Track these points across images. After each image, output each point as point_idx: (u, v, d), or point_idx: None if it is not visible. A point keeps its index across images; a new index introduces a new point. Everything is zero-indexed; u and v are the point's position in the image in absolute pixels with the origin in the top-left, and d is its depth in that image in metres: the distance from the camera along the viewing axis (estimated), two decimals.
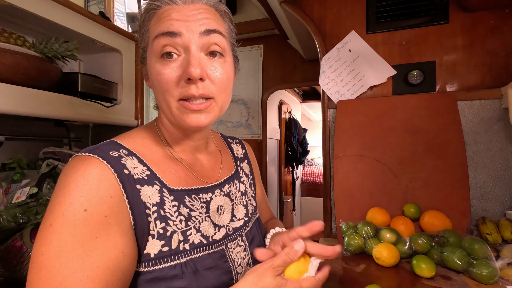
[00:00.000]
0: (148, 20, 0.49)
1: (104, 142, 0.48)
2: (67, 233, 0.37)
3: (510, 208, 0.97)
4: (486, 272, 0.69)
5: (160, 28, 0.46)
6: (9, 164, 1.14)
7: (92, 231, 0.38)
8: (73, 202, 0.38)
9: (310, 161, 5.37)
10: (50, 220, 0.38)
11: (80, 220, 0.38)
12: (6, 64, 0.87)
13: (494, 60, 1.03)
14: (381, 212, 0.97)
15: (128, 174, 0.44)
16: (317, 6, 1.24)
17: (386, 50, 1.15)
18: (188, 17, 0.46)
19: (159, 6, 0.47)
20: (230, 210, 0.58)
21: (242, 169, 0.68)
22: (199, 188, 0.53)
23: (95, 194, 0.39)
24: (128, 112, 1.40)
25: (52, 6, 1.02)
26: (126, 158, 0.46)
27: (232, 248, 0.54)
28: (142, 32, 0.50)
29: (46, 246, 0.37)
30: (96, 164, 0.41)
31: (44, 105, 0.98)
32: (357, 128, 1.11)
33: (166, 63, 0.46)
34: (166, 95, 0.47)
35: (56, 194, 0.40)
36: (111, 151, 0.45)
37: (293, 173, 3.51)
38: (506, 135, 0.98)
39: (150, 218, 0.45)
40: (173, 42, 0.45)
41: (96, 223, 0.39)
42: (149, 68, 0.49)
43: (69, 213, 0.38)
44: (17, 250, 0.80)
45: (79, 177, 0.40)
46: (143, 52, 0.51)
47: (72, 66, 1.33)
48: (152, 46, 0.47)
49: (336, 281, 0.73)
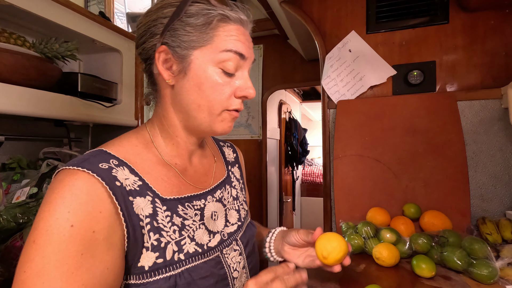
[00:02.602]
0: (217, 24, 0.48)
1: (92, 152, 0.46)
2: (50, 250, 0.36)
3: (510, 208, 0.97)
4: (486, 272, 0.68)
5: (235, 46, 0.48)
6: (9, 164, 1.14)
7: (78, 248, 0.37)
8: (58, 218, 0.37)
9: (310, 161, 5.37)
10: (33, 237, 0.37)
11: (66, 237, 0.37)
12: (6, 64, 0.87)
13: (494, 60, 1.03)
14: (381, 212, 0.97)
15: (120, 186, 0.43)
16: (317, 6, 1.24)
17: (386, 50, 1.15)
18: (250, 44, 0.52)
19: (231, 19, 0.49)
20: (223, 216, 0.58)
21: (233, 173, 0.68)
22: (192, 196, 0.53)
23: (84, 209, 0.38)
24: (128, 112, 1.40)
25: (52, 6, 1.02)
26: (117, 169, 0.44)
27: (227, 253, 0.54)
28: (195, 24, 0.47)
29: (29, 263, 0.36)
30: (85, 178, 0.40)
31: (44, 105, 0.98)
32: (357, 128, 1.11)
33: (225, 77, 0.49)
34: (216, 103, 0.49)
35: (42, 210, 0.38)
36: (101, 163, 0.43)
37: (293, 173, 3.51)
38: (506, 135, 0.98)
39: (144, 230, 0.44)
40: (239, 63, 0.50)
41: (82, 239, 0.38)
42: (199, 70, 0.48)
43: (54, 229, 0.37)
44: (17, 250, 0.80)
45: (66, 192, 0.39)
46: (184, 42, 0.47)
47: (72, 66, 1.33)
48: (217, 55, 0.48)
49: (336, 281, 0.73)
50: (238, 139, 2.30)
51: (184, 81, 0.49)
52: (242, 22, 0.51)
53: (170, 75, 0.49)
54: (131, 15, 3.11)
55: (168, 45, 0.48)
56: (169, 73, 0.49)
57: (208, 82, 0.48)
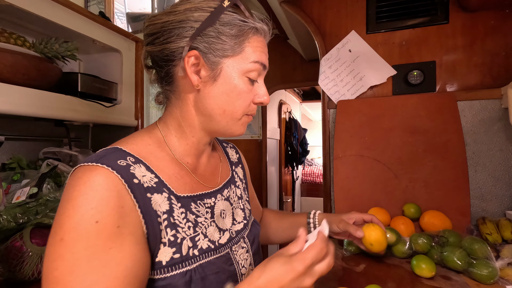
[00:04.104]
0: (248, 35, 0.51)
1: (109, 150, 0.47)
2: (80, 246, 0.37)
3: (510, 208, 0.97)
4: (486, 272, 0.68)
5: (261, 58, 0.52)
6: (9, 164, 1.14)
7: (106, 243, 0.38)
8: (83, 215, 0.38)
9: (310, 161, 5.37)
10: (60, 235, 0.38)
11: (93, 233, 0.38)
12: (6, 64, 0.87)
13: (494, 60, 1.03)
14: (381, 212, 0.97)
15: (138, 183, 0.44)
16: (317, 6, 1.24)
17: (386, 50, 1.15)
18: (267, 54, 0.55)
19: (260, 32, 0.53)
20: (231, 214, 0.59)
21: (237, 173, 0.70)
22: (203, 194, 0.55)
23: (106, 205, 0.39)
24: (128, 112, 1.40)
25: (52, 6, 1.02)
26: (134, 166, 0.46)
27: (236, 250, 0.56)
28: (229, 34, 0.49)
29: (60, 261, 0.37)
30: (105, 174, 0.41)
31: (44, 105, 0.98)
32: (357, 128, 1.11)
33: (249, 85, 0.52)
34: (240, 109, 0.52)
35: (64, 207, 0.39)
36: (119, 159, 0.44)
37: (293, 173, 3.51)
38: (506, 135, 0.98)
39: (161, 226, 0.46)
40: (261, 73, 0.54)
41: (109, 234, 0.38)
42: (229, 77, 0.50)
43: (81, 227, 0.37)
44: (17, 250, 0.80)
45: (88, 188, 0.39)
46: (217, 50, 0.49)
47: (72, 66, 1.33)
48: (246, 65, 0.51)
49: (336, 281, 0.73)
50: (238, 139, 2.29)
51: (213, 87, 0.50)
52: (265, 35, 0.55)
53: (198, 79, 0.50)
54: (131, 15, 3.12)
55: (200, 50, 0.49)
56: (197, 77, 0.50)
57: (236, 90, 0.51)
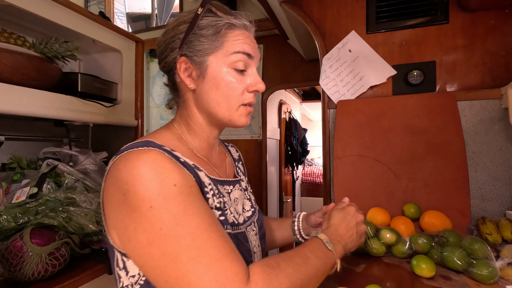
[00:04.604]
0: (225, 31, 0.56)
1: (143, 141, 0.52)
2: (171, 205, 0.43)
3: (510, 208, 0.97)
4: (486, 272, 0.68)
5: (242, 46, 0.56)
6: (9, 164, 1.14)
7: (189, 197, 0.46)
8: (161, 183, 0.44)
9: (310, 161, 5.37)
10: (147, 204, 0.43)
11: (176, 193, 0.45)
12: (6, 64, 0.87)
13: (494, 60, 1.03)
14: (381, 212, 0.97)
15: (184, 162, 0.52)
16: (317, 6, 1.24)
17: (386, 50, 1.15)
18: (255, 44, 0.60)
19: (236, 26, 0.57)
20: (241, 203, 0.67)
21: (240, 169, 0.77)
22: (225, 180, 0.63)
23: (175, 172, 0.46)
24: (128, 112, 1.40)
25: (52, 6, 1.02)
26: (174, 152, 0.53)
27: (249, 231, 0.63)
28: (207, 34, 0.56)
29: (160, 222, 0.43)
30: (160, 153, 0.48)
31: (44, 105, 0.98)
32: (357, 128, 1.11)
33: (238, 75, 0.57)
34: (232, 99, 0.57)
35: (135, 185, 0.44)
36: (161, 147, 0.51)
37: (293, 173, 3.51)
38: (506, 135, 0.99)
39: (208, 195, 0.54)
40: (247, 61, 0.57)
41: (187, 191, 0.46)
42: (215, 72, 0.56)
43: (164, 191, 0.44)
44: (17, 250, 0.80)
45: (152, 164, 0.45)
46: (199, 50, 0.56)
47: (72, 66, 1.33)
48: (228, 57, 0.56)
49: (336, 281, 0.73)
50: (238, 139, 2.29)
51: (204, 84, 0.57)
52: (246, 27, 0.59)
53: (191, 81, 0.57)
54: (131, 15, 3.11)
55: (187, 56, 0.56)
56: (190, 79, 0.57)
57: (223, 82, 0.56)
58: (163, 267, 0.42)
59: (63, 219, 0.91)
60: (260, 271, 0.44)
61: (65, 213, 0.92)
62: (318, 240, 0.56)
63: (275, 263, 0.47)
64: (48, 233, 0.86)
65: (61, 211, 0.92)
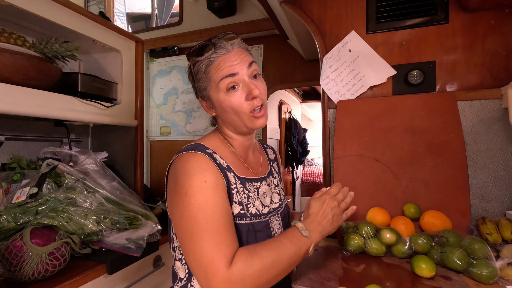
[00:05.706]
0: (208, 69, 0.70)
1: (195, 144, 0.71)
2: (198, 196, 0.61)
3: (510, 208, 0.97)
4: (486, 272, 0.69)
5: (223, 72, 0.68)
6: (9, 164, 1.14)
7: (212, 192, 0.62)
8: (196, 178, 0.62)
9: (310, 161, 5.37)
10: (185, 190, 0.61)
11: (204, 188, 0.62)
12: (6, 64, 0.87)
13: (494, 60, 1.03)
14: (381, 212, 0.97)
15: (219, 164, 0.68)
16: (317, 6, 1.24)
17: (386, 50, 1.15)
18: (236, 60, 0.69)
19: (214, 58, 0.69)
20: (269, 196, 0.80)
21: (274, 168, 0.91)
22: (253, 178, 0.78)
23: (209, 172, 0.64)
24: (128, 112, 1.40)
25: (52, 6, 1.02)
26: (214, 154, 0.69)
27: (272, 221, 0.76)
28: (200, 77, 0.73)
29: (193, 201, 0.60)
30: (202, 156, 0.66)
31: (44, 105, 0.98)
32: (357, 128, 1.11)
33: (233, 93, 0.69)
34: (240, 113, 0.70)
35: (182, 176, 0.63)
36: (206, 149, 0.69)
37: (293, 173, 3.51)
38: (506, 135, 0.99)
39: (233, 191, 0.70)
40: (234, 79, 0.69)
41: (212, 188, 0.63)
42: (218, 101, 0.72)
43: (196, 184, 0.62)
44: (17, 250, 0.80)
45: (196, 163, 0.65)
46: (203, 90, 0.74)
47: (72, 66, 1.33)
48: (219, 86, 0.70)
49: (336, 281, 0.73)
50: None
51: (217, 110, 0.75)
52: (225, 51, 0.69)
53: (211, 111, 0.77)
54: (131, 15, 3.11)
55: (200, 96, 0.77)
56: (211, 110, 0.77)
57: (226, 104, 0.71)
58: (183, 238, 0.61)
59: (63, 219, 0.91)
60: (240, 254, 0.58)
61: (65, 213, 0.92)
62: (295, 228, 0.66)
63: (253, 248, 0.60)
64: (48, 233, 0.86)
65: (61, 211, 0.92)
